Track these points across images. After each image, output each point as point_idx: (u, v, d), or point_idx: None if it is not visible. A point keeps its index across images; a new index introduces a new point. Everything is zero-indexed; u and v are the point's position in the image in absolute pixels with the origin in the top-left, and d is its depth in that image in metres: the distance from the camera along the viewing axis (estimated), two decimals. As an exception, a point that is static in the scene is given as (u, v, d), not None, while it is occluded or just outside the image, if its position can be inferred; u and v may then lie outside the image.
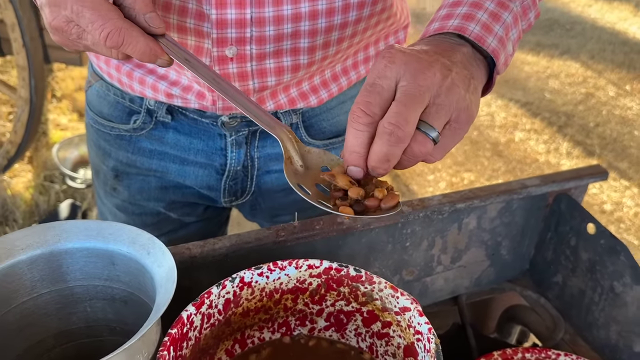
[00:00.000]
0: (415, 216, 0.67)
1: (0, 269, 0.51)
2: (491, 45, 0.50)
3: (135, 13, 0.49)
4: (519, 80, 3.40)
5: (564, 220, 0.74)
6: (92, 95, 0.78)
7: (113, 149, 0.78)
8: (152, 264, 0.51)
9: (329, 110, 0.75)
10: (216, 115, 0.70)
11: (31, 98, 1.83)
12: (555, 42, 3.99)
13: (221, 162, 0.75)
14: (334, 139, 0.77)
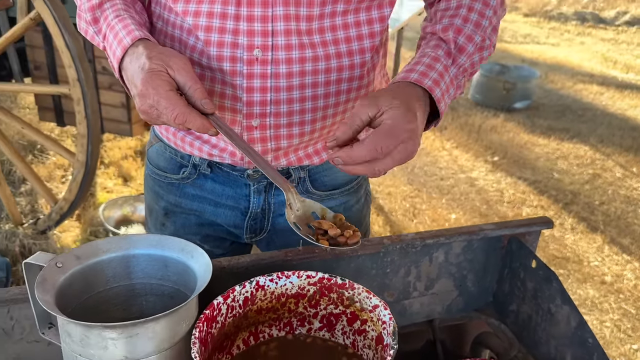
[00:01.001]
0: (394, 247, 0.88)
1: (88, 264, 0.72)
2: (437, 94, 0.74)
3: (194, 100, 0.73)
4: (529, 160, 3.60)
5: (516, 258, 0.93)
6: (152, 152, 1.03)
7: (165, 193, 1.01)
8: (195, 264, 0.72)
9: (329, 169, 0.97)
10: (243, 169, 0.93)
11: (87, 161, 2.12)
12: (567, 127, 4.22)
13: (245, 205, 0.97)
14: (333, 191, 0.99)
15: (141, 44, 0.75)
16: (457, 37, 0.79)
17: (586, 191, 3.21)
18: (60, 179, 2.92)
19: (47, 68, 2.39)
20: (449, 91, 0.77)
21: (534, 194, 3.14)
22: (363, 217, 1.09)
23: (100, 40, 0.82)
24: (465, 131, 4.07)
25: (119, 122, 2.37)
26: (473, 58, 0.80)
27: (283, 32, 0.79)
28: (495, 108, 4.51)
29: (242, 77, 0.82)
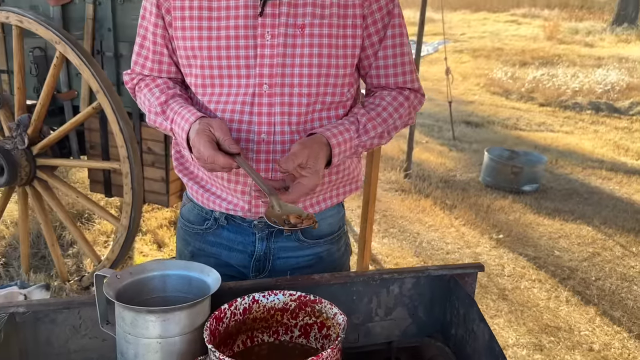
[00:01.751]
0: (358, 280, 1.18)
1: (137, 278, 1.05)
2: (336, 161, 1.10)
3: (225, 146, 1.05)
4: (532, 238, 3.84)
5: (454, 293, 1.22)
6: (185, 210, 1.37)
7: (192, 240, 1.34)
8: (209, 280, 1.04)
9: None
10: (251, 220, 1.26)
11: (129, 226, 2.48)
12: (572, 209, 4.46)
13: (252, 249, 1.29)
14: (319, 240, 1.31)
15: (200, 120, 1.10)
16: (367, 123, 1.18)
17: (584, 267, 3.41)
18: (103, 244, 3.30)
19: (100, 147, 2.83)
20: (345, 152, 1.15)
21: (533, 269, 3.36)
22: (344, 262, 1.40)
23: (168, 124, 1.17)
24: (474, 210, 4.34)
25: (158, 193, 2.76)
26: (373, 140, 1.19)
27: (280, 126, 1.16)
28: (504, 190, 4.79)
29: (252, 152, 1.18)
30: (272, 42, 1.11)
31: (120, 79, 2.63)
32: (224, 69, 1.13)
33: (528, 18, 18.59)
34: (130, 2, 2.49)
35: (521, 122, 7.52)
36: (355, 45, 1.17)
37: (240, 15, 1.10)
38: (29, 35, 2.61)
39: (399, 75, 1.23)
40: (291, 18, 1.10)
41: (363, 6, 1.15)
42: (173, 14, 1.14)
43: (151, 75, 1.24)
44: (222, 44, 1.11)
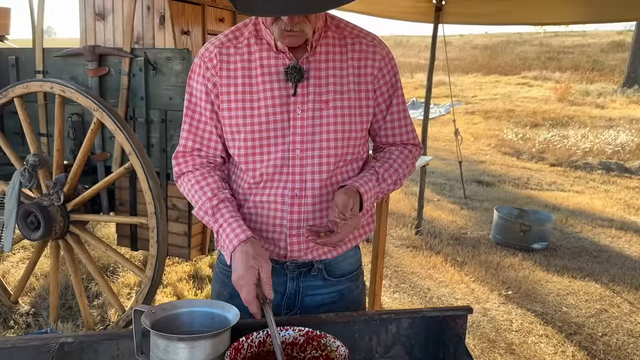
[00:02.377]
0: (359, 319, 1.34)
1: (169, 314, 1.22)
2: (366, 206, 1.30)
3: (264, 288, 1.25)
4: (541, 295, 3.92)
5: (446, 333, 1.37)
6: (222, 257, 1.54)
7: (228, 281, 1.50)
8: (230, 315, 1.21)
9: (337, 262, 1.48)
10: (284, 262, 1.45)
11: (153, 277, 2.67)
12: (581, 266, 4.54)
13: (283, 288, 1.47)
14: (341, 278, 1.50)
15: (249, 242, 1.29)
16: (384, 173, 1.43)
17: (591, 323, 3.48)
18: (126, 295, 3.47)
19: (129, 204, 3.06)
20: (371, 198, 1.39)
21: (541, 324, 3.44)
22: (361, 299, 1.60)
23: (216, 226, 1.35)
24: (484, 267, 4.45)
25: (180, 247, 2.96)
26: (389, 187, 1.44)
27: (310, 182, 1.39)
28: (514, 248, 4.90)
29: (287, 205, 1.39)
30: (302, 115, 1.35)
31: (150, 142, 2.89)
32: (263, 140, 1.36)
33: (539, 80, 19.01)
34: (161, 74, 2.77)
35: (532, 182, 7.67)
36: (369, 113, 1.43)
37: (276, 95, 1.34)
38: (69, 103, 2.90)
39: (404, 134, 1.51)
40: (317, 95, 1.35)
41: (373, 82, 1.41)
42: (220, 98, 1.36)
43: (199, 152, 1.43)
44: (262, 119, 1.34)
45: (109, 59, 2.91)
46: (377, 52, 1.41)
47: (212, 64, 1.37)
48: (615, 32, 27.64)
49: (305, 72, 1.34)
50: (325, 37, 1.37)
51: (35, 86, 2.83)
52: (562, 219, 5.85)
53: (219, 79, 1.36)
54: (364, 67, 1.39)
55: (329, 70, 1.37)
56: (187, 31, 2.93)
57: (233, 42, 1.38)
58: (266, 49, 1.36)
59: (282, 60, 1.35)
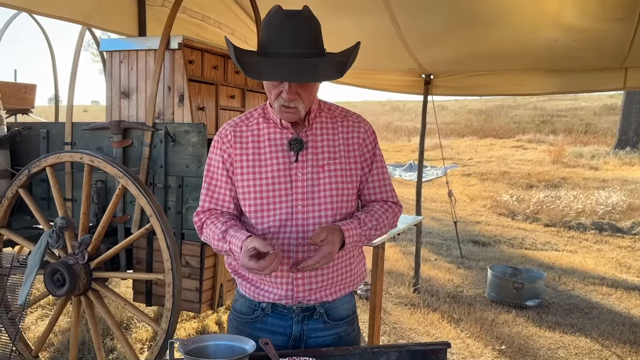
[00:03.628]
0: (355, 352, 1.60)
1: (197, 345, 1.49)
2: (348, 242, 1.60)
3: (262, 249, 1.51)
4: (532, 349, 4.11)
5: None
6: (237, 305, 1.81)
7: (243, 328, 1.78)
8: (247, 347, 1.48)
9: (336, 307, 1.75)
10: (290, 306, 1.71)
11: (168, 329, 2.90)
12: (573, 322, 4.74)
13: (290, 331, 1.73)
14: (339, 321, 1.77)
15: (249, 237, 1.55)
16: (364, 218, 1.70)
17: (579, 375, 3.66)
18: (139, 350, 3.68)
19: (145, 262, 3.33)
20: (353, 237, 1.65)
21: (531, 376, 3.62)
22: (357, 341, 1.86)
23: (226, 245, 1.61)
24: (479, 324, 4.65)
25: (192, 302, 3.20)
26: (370, 231, 1.71)
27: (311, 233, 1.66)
28: (508, 305, 5.11)
29: (292, 252, 1.67)
30: (303, 177, 1.67)
31: (167, 205, 3.19)
32: (270, 198, 1.66)
33: (534, 143, 19.55)
34: (179, 145, 3.12)
35: (527, 242, 7.92)
36: (357, 174, 1.75)
37: (280, 162, 1.67)
38: (95, 171, 3.22)
39: (383, 193, 1.80)
40: (314, 161, 1.68)
41: (359, 150, 1.75)
42: (234, 165, 1.69)
43: (215, 210, 1.73)
44: (269, 182, 1.66)
45: (133, 132, 3.27)
46: (361, 127, 1.76)
47: (227, 139, 1.71)
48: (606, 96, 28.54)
49: (304, 143, 1.67)
50: (319, 117, 1.73)
51: (66, 156, 3.17)
52: (556, 277, 6.07)
53: (233, 150, 1.69)
54: (351, 138, 1.73)
55: (324, 141, 1.71)
56: (202, 107, 3.30)
57: (245, 122, 1.74)
58: (273, 126, 1.70)
59: (285, 134, 1.69)
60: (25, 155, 3.66)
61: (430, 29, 4.03)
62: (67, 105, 3.52)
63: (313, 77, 1.52)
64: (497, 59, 4.45)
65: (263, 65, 1.50)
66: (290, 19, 1.51)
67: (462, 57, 4.47)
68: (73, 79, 3.50)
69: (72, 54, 3.52)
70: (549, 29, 3.70)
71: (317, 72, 1.50)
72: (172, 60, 3.18)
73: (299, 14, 1.53)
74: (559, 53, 4.11)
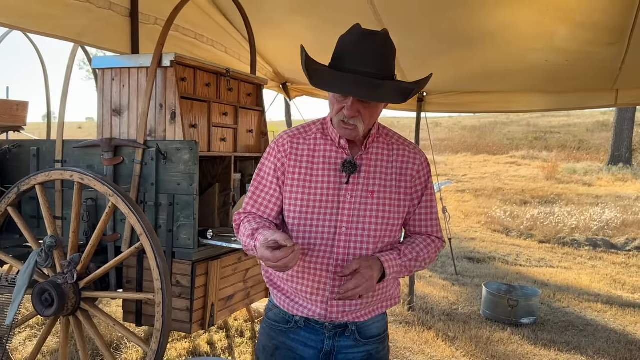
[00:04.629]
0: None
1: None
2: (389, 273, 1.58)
3: (282, 242, 1.48)
4: (528, 367, 4.07)
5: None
6: (271, 314, 1.81)
7: (276, 335, 1.77)
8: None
9: (368, 325, 1.74)
10: (323, 322, 1.70)
11: (158, 350, 2.85)
12: (568, 340, 4.70)
13: (321, 346, 1.72)
14: (370, 339, 1.75)
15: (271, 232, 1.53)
16: (405, 249, 1.69)
17: (575, 394, 3.61)
18: (129, 371, 3.61)
19: (135, 281, 3.29)
20: (394, 268, 1.65)
21: (527, 395, 3.57)
22: (386, 359, 1.84)
23: (253, 242, 1.60)
24: (474, 342, 4.60)
25: (182, 322, 3.15)
26: (411, 263, 1.70)
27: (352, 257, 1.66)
28: (503, 323, 5.07)
29: (331, 273, 1.66)
30: (351, 200, 1.66)
31: (158, 223, 3.16)
32: (315, 214, 1.66)
33: (527, 160, 19.66)
34: (171, 162, 3.10)
35: (521, 258, 7.90)
36: (406, 205, 1.73)
37: (331, 181, 1.66)
38: (84, 189, 3.19)
39: (429, 227, 1.79)
40: (365, 186, 1.66)
41: (412, 182, 1.74)
42: (286, 175, 1.70)
43: (256, 215, 1.74)
44: (317, 197, 1.66)
45: (124, 150, 3.25)
46: (417, 159, 1.76)
47: (284, 149, 1.72)
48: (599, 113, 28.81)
49: (358, 166, 1.67)
50: (376, 142, 1.73)
51: (57, 174, 3.14)
52: (550, 294, 6.04)
53: (288, 160, 1.70)
54: (405, 169, 1.72)
55: (377, 167, 1.70)
56: (194, 124, 3.29)
57: (303, 135, 1.74)
58: (330, 143, 1.70)
59: (341, 154, 1.68)
60: (15, 173, 3.62)
61: (421, 49, 4.05)
62: (58, 122, 3.50)
63: (376, 97, 1.53)
64: (488, 78, 4.48)
65: (330, 76, 1.53)
66: (366, 37, 1.53)
67: (454, 75, 4.49)
68: (64, 96, 3.48)
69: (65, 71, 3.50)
70: (541, 50, 3.72)
71: (379, 92, 1.51)
72: (165, 78, 3.17)
73: (376, 34, 1.54)
74: (551, 73, 4.13)
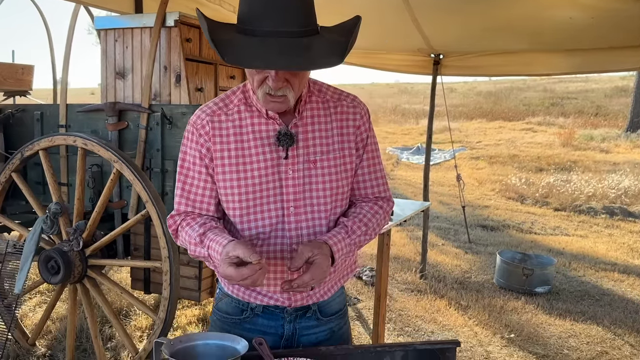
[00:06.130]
0: (357, 352, 1.48)
1: (185, 345, 1.37)
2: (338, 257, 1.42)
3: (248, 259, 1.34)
4: (543, 337, 4.00)
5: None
6: (222, 304, 1.65)
7: (230, 329, 1.63)
8: (239, 347, 1.36)
9: (328, 303, 1.61)
10: (284, 307, 1.56)
11: (166, 319, 2.80)
12: (584, 310, 4.61)
13: (282, 331, 1.59)
14: (331, 317, 1.62)
15: (232, 242, 1.33)
16: (352, 225, 1.49)
17: (591, 365, 3.55)
18: (138, 338, 3.59)
19: (143, 249, 3.23)
20: (343, 250, 1.44)
21: (542, 366, 3.51)
22: (349, 334, 1.72)
23: (205, 251, 1.40)
24: (488, 311, 4.53)
25: (191, 290, 3.10)
26: (360, 238, 1.50)
27: (306, 237, 1.49)
28: (517, 292, 4.99)
29: (287, 260, 1.48)
30: (294, 175, 1.46)
31: (164, 190, 3.08)
32: (257, 200, 1.46)
33: (543, 126, 19.27)
34: (176, 127, 2.99)
35: (536, 226, 7.77)
36: (352, 169, 1.54)
37: (268, 158, 1.45)
38: (89, 154, 3.11)
39: (374, 187, 1.59)
40: (306, 156, 1.46)
41: (354, 140, 1.53)
42: (215, 162, 1.46)
43: (192, 213, 1.51)
44: (255, 181, 1.44)
45: (128, 114, 3.14)
46: (357, 112, 1.53)
47: (204, 131, 1.45)
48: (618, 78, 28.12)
49: (295, 136, 1.45)
50: (309, 102, 1.49)
51: (60, 139, 3.05)
52: (566, 263, 5.94)
53: (212, 144, 1.45)
54: (346, 127, 1.51)
55: (315, 132, 1.48)
56: (200, 88, 3.17)
57: (223, 109, 1.47)
58: (256, 115, 1.46)
59: (272, 125, 1.45)
60: (19, 138, 3.54)
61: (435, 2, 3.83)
62: (61, 86, 3.39)
63: (306, 64, 1.26)
64: (509, 36, 4.26)
65: (243, 46, 1.23)
66: None
67: (473, 33, 4.27)
68: (67, 58, 3.37)
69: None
70: (565, 6, 3.52)
71: (310, 56, 1.24)
72: (169, 39, 3.04)
73: None
74: (575, 31, 3.92)
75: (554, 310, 4.57)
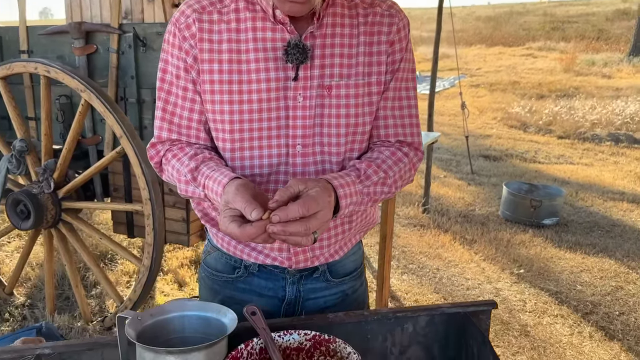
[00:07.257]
0: (372, 318, 1.20)
1: (157, 319, 1.09)
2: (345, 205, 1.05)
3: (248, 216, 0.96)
4: (554, 273, 3.79)
5: (468, 331, 1.23)
6: (210, 259, 1.35)
7: (221, 289, 1.33)
8: (227, 320, 1.07)
9: (341, 262, 1.30)
10: (284, 268, 1.25)
11: (151, 266, 2.54)
12: (594, 242, 4.40)
13: (282, 294, 1.29)
14: (344, 277, 1.32)
15: (233, 184, 1.01)
16: (367, 169, 1.12)
17: (607, 302, 3.35)
18: (125, 284, 3.35)
19: (124, 190, 2.92)
20: (351, 197, 1.07)
21: (555, 304, 3.31)
22: (365, 297, 1.42)
23: (200, 190, 1.10)
24: (494, 245, 4.32)
25: (179, 234, 2.82)
26: (376, 188, 1.13)
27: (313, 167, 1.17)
28: (524, 224, 4.76)
29: None
30: (305, 103, 1.11)
31: (142, 124, 2.73)
32: (254, 132, 1.12)
33: (544, 51, 18.69)
34: (152, 50, 2.61)
35: (540, 155, 7.50)
36: (379, 100, 1.17)
37: (272, 78, 1.09)
38: (56, 84, 2.73)
39: (404, 127, 1.21)
40: (320, 79, 1.11)
41: (385, 61, 1.15)
42: (202, 77, 1.11)
43: (179, 141, 1.19)
44: (253, 107, 1.10)
45: (97, 36, 2.74)
46: (393, 24, 1.14)
47: (190, 33, 1.09)
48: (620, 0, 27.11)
49: (309, 51, 1.08)
50: (333, 6, 1.11)
51: (19, 67, 2.67)
52: (572, 193, 5.70)
53: (200, 52, 1.09)
54: (377, 43, 1.14)
55: (336, 47, 1.11)
56: (178, 4, 2.75)
57: (216, 5, 1.11)
58: (261, 17, 1.09)
59: (280, 33, 1.09)
60: (-24, 68, 3.14)
61: None
62: (19, 4, 2.96)
63: None
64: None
65: None
66: None
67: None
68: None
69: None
70: None
71: None
72: (137, -55, 2.59)
73: None
74: None
75: (564, 243, 4.36)
